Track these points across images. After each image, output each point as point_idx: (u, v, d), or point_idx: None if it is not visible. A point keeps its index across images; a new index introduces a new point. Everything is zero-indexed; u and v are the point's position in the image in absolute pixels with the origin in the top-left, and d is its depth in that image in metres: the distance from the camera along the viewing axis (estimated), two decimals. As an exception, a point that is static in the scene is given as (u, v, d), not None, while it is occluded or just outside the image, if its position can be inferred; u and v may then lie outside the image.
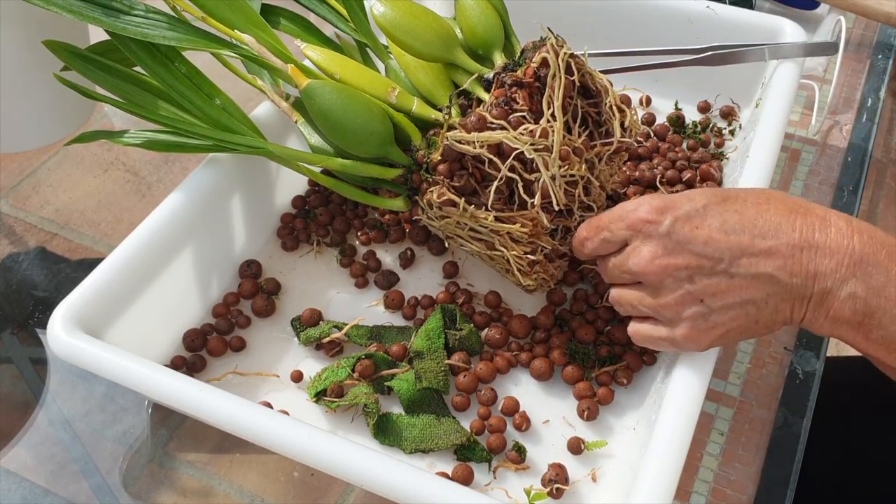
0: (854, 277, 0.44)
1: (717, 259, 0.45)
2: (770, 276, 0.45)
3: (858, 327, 0.45)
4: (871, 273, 0.44)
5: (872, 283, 0.44)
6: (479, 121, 0.53)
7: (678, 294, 0.47)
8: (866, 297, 0.44)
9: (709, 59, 0.70)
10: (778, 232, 0.45)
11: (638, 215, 0.48)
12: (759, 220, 0.46)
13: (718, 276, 0.46)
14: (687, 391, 0.47)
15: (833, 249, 0.45)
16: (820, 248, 0.45)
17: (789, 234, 0.45)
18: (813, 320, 0.46)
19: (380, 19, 0.56)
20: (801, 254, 0.45)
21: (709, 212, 0.47)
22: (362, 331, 0.59)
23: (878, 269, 0.44)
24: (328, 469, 0.46)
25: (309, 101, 0.55)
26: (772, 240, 0.45)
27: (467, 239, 0.56)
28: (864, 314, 0.44)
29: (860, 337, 0.45)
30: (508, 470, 0.53)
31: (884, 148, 0.81)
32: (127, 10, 0.56)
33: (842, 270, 0.44)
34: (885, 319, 0.44)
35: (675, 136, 0.73)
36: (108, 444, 0.57)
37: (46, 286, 0.68)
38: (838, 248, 0.45)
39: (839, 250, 0.45)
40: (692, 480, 0.54)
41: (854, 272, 0.44)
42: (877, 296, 0.44)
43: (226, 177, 0.61)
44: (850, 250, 0.45)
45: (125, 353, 0.49)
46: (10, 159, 0.78)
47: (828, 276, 0.45)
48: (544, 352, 0.58)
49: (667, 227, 0.46)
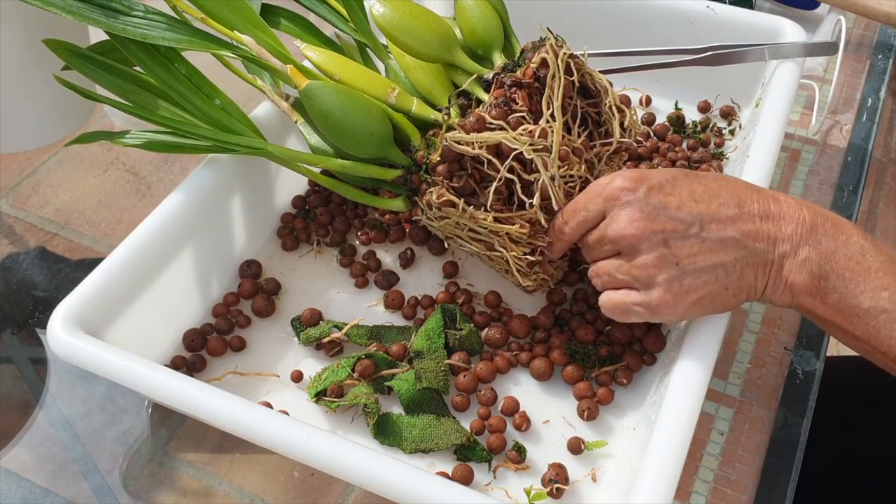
0: (807, 244, 0.48)
1: (690, 223, 0.48)
2: (736, 240, 0.48)
3: (815, 291, 0.48)
4: (821, 240, 0.48)
5: (823, 249, 0.48)
6: (478, 121, 0.53)
7: (653, 255, 0.49)
8: (819, 261, 0.48)
9: (709, 59, 0.70)
10: (740, 202, 0.49)
11: (614, 185, 0.50)
12: (723, 192, 0.50)
13: (691, 240, 0.48)
14: (687, 391, 0.47)
15: (787, 218, 0.49)
16: (776, 217, 0.49)
17: (749, 204, 0.49)
18: (774, 289, 0.49)
19: (379, 20, 0.56)
20: (761, 221, 0.49)
21: (678, 182, 0.50)
22: (362, 331, 0.59)
23: (827, 237, 0.48)
24: (328, 469, 0.46)
25: (308, 101, 0.55)
26: (735, 208, 0.49)
27: (467, 239, 0.56)
28: (819, 277, 0.48)
29: (818, 302, 0.48)
30: (508, 470, 0.53)
31: (884, 148, 0.81)
32: (126, 11, 0.56)
33: (796, 237, 0.48)
34: (838, 283, 0.48)
35: (675, 136, 0.74)
36: (108, 445, 0.57)
37: (46, 286, 0.68)
38: (792, 218, 0.49)
39: (793, 219, 0.49)
40: (692, 480, 0.54)
41: (807, 239, 0.48)
42: (828, 260, 0.48)
43: (226, 177, 0.61)
44: (801, 220, 0.49)
45: (125, 353, 0.49)
46: (10, 159, 0.78)
47: (785, 240, 0.48)
48: (544, 352, 0.58)
49: (642, 193, 0.49)
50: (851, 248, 0.48)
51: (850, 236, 0.48)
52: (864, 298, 0.47)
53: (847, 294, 0.47)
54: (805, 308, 0.49)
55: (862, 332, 0.48)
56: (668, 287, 0.48)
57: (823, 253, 0.48)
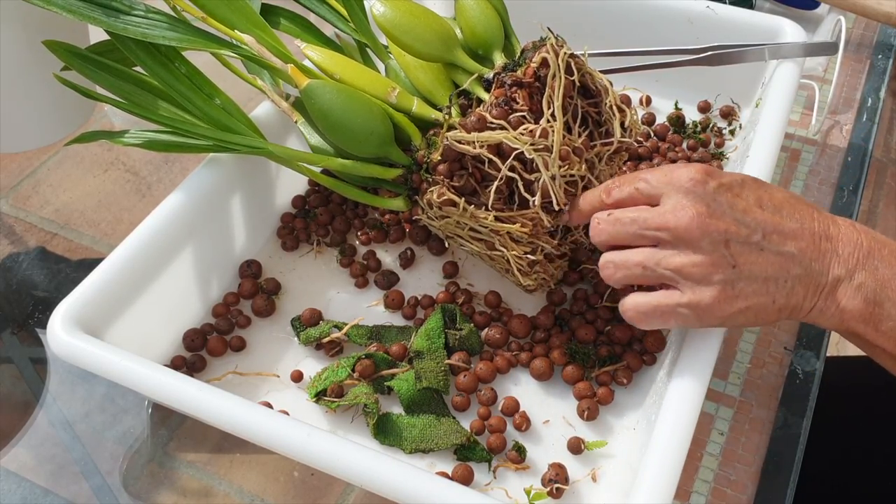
0: (864, 269, 0.47)
1: (753, 229, 0.47)
2: (794, 256, 0.47)
3: (869, 318, 0.47)
4: (878, 266, 0.47)
5: (879, 276, 0.47)
6: (478, 121, 0.53)
7: (714, 256, 0.46)
8: (876, 288, 0.47)
9: (709, 59, 0.70)
10: (802, 218, 0.48)
11: (683, 173, 0.48)
12: (786, 206, 0.49)
13: (751, 246, 0.47)
14: (687, 391, 0.47)
15: (845, 242, 0.48)
16: (835, 239, 0.48)
17: (810, 222, 0.48)
18: (823, 310, 0.48)
19: (380, 19, 0.56)
20: (821, 241, 0.48)
21: (746, 186, 0.49)
22: (362, 331, 0.59)
23: (884, 264, 0.47)
24: (328, 469, 0.46)
25: (309, 101, 0.55)
26: (797, 223, 0.48)
27: (467, 239, 0.56)
28: (874, 303, 0.47)
29: (870, 329, 0.47)
30: (508, 470, 0.53)
31: (884, 148, 0.81)
32: (127, 10, 0.56)
33: (852, 262, 0.47)
34: (894, 311, 0.46)
35: (675, 136, 0.74)
36: (109, 445, 0.57)
37: (46, 286, 0.68)
38: (849, 241, 0.48)
39: (850, 243, 0.48)
40: (692, 480, 0.54)
41: (864, 265, 0.47)
42: (884, 287, 0.47)
43: (226, 177, 0.61)
44: (858, 244, 0.48)
45: (125, 353, 0.49)
46: (10, 159, 0.78)
47: (842, 264, 0.47)
48: (544, 352, 0.58)
49: (713, 188, 0.48)
50: None
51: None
52: None
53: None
54: (855, 333, 0.48)
55: None
56: (723, 288, 0.46)
57: (880, 280, 0.47)
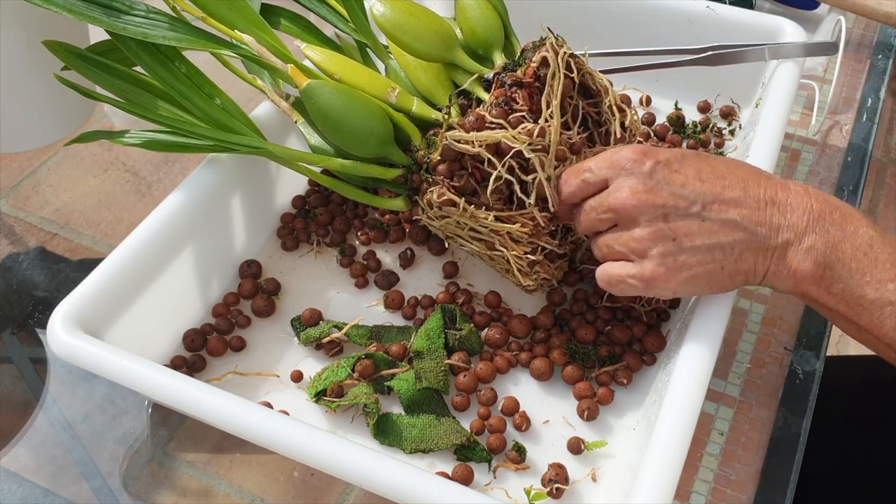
0: (813, 232, 0.48)
1: (692, 202, 0.48)
2: (737, 222, 0.48)
3: (820, 280, 0.48)
4: (828, 229, 0.48)
5: (829, 238, 0.48)
6: (477, 120, 0.53)
7: (651, 229, 0.49)
8: (825, 251, 0.48)
9: (709, 59, 0.70)
10: (746, 186, 0.49)
11: (622, 154, 0.50)
12: (729, 175, 0.49)
13: (691, 218, 0.48)
14: (687, 391, 0.47)
15: (794, 206, 0.48)
16: (782, 204, 0.49)
17: (755, 189, 0.49)
18: (776, 273, 0.49)
19: (379, 19, 0.56)
20: (766, 207, 0.49)
21: (686, 160, 0.50)
22: (362, 331, 0.59)
23: (834, 226, 0.48)
24: (328, 469, 0.46)
25: (308, 101, 0.55)
26: (740, 191, 0.49)
27: (467, 239, 0.56)
28: (824, 266, 0.48)
29: (822, 291, 0.48)
30: (508, 470, 0.53)
31: (884, 148, 0.81)
32: (127, 10, 0.56)
33: (801, 225, 0.48)
34: (844, 272, 0.47)
35: (675, 136, 0.74)
36: (109, 445, 0.57)
37: (46, 286, 0.68)
38: (798, 206, 0.48)
39: (799, 207, 0.48)
40: (692, 480, 0.54)
41: (813, 227, 0.48)
42: (834, 249, 0.48)
43: (226, 177, 0.61)
44: (808, 208, 0.48)
45: (125, 353, 0.49)
46: (10, 159, 0.78)
47: (790, 228, 0.48)
48: (544, 352, 0.58)
49: (649, 167, 0.49)
50: (859, 239, 0.48)
51: (858, 226, 0.48)
52: (869, 289, 0.47)
53: (852, 284, 0.47)
54: (808, 296, 0.49)
55: (866, 322, 0.48)
56: (662, 261, 0.49)
57: (830, 242, 0.48)
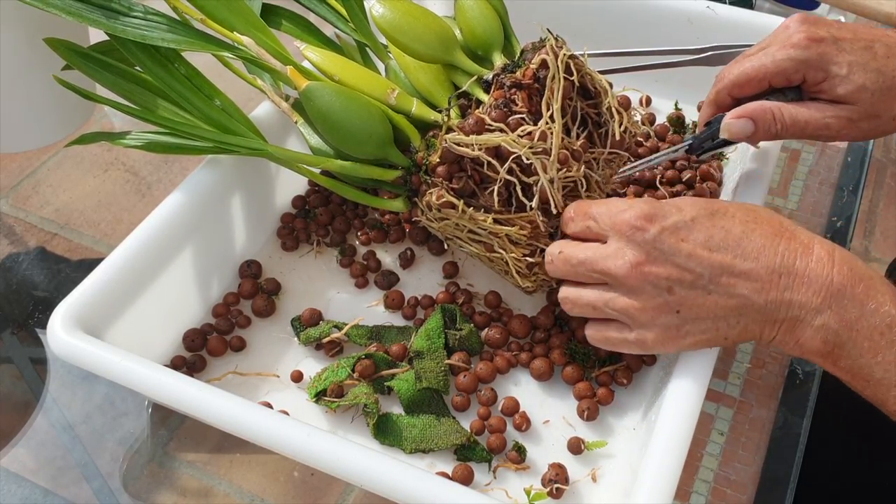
0: (829, 309, 0.45)
1: (699, 274, 0.46)
2: (746, 297, 0.46)
3: (827, 356, 0.46)
4: (846, 306, 0.45)
5: (846, 317, 0.45)
6: (476, 123, 0.53)
7: (656, 302, 0.47)
8: (838, 330, 0.45)
9: (709, 59, 0.70)
10: (760, 255, 0.46)
11: (625, 217, 0.48)
12: (744, 241, 0.47)
13: (697, 291, 0.46)
14: (687, 391, 0.47)
15: (811, 279, 0.46)
16: (799, 275, 0.46)
17: (771, 257, 0.46)
18: (783, 342, 0.47)
19: (379, 21, 0.56)
20: (779, 279, 0.46)
21: (696, 225, 0.47)
22: (362, 331, 0.59)
23: (854, 303, 0.45)
24: (328, 469, 0.46)
25: (308, 102, 0.55)
26: (752, 262, 0.46)
27: (466, 240, 0.56)
28: (834, 345, 0.45)
29: (828, 363, 0.47)
30: (508, 470, 0.53)
31: (884, 148, 0.81)
32: (126, 12, 0.56)
33: (816, 301, 0.45)
34: (854, 352, 0.45)
35: (676, 136, 0.73)
36: (109, 445, 0.57)
37: (46, 286, 0.68)
38: (816, 278, 0.46)
39: (817, 280, 0.46)
40: (692, 480, 0.54)
41: (829, 304, 0.45)
42: (849, 329, 0.45)
43: (225, 177, 0.61)
44: (828, 282, 0.45)
45: (125, 353, 0.49)
46: (10, 159, 0.78)
47: (802, 305, 0.46)
48: (544, 352, 0.58)
49: (653, 235, 0.47)
50: (878, 318, 0.45)
51: (881, 304, 0.45)
52: (877, 370, 0.45)
53: (861, 363, 0.45)
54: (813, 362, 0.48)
55: (870, 395, 0.46)
56: (666, 332, 0.47)
57: (845, 321, 0.45)
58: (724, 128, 0.55)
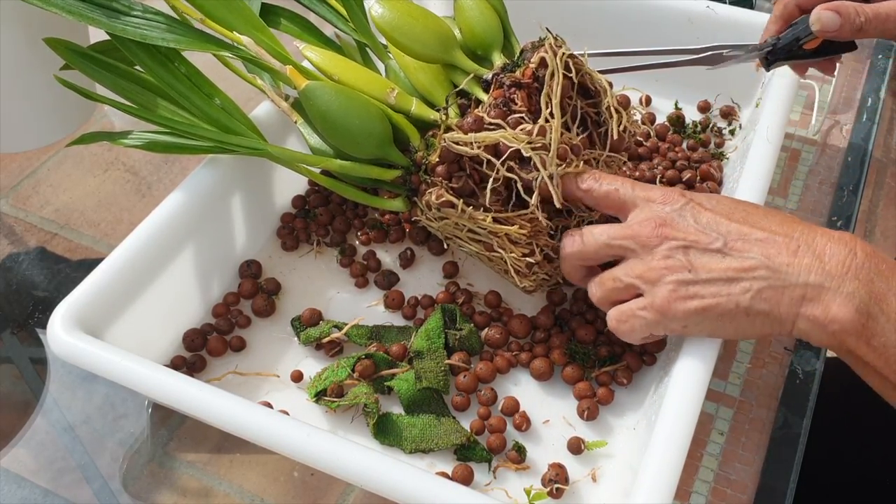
0: (856, 279, 0.44)
1: (714, 238, 0.47)
2: (759, 259, 0.46)
3: (861, 331, 0.44)
4: (873, 279, 0.44)
5: (874, 289, 0.44)
6: (475, 122, 0.53)
7: (670, 262, 0.48)
8: (868, 300, 0.44)
9: (709, 59, 0.70)
10: (777, 229, 0.47)
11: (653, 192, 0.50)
12: (764, 219, 0.48)
13: (711, 254, 0.47)
14: (687, 391, 0.47)
15: (833, 253, 0.45)
16: (819, 249, 0.46)
17: (790, 230, 0.47)
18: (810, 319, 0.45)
19: (378, 21, 0.56)
20: (798, 249, 0.46)
21: (721, 202, 0.50)
22: (362, 331, 0.59)
23: (881, 277, 0.45)
24: (328, 469, 0.46)
25: (307, 102, 0.55)
26: (769, 232, 0.47)
27: (466, 240, 0.56)
28: (866, 315, 0.44)
29: (861, 342, 0.44)
30: (508, 470, 0.53)
31: (884, 148, 0.81)
32: (126, 11, 0.56)
33: (840, 270, 0.45)
34: (888, 326, 0.44)
35: (675, 136, 0.74)
36: (109, 445, 0.57)
37: (46, 286, 0.68)
38: (837, 253, 0.45)
39: (838, 254, 0.45)
40: (692, 480, 0.54)
41: (856, 274, 0.45)
42: (879, 301, 0.44)
43: (225, 177, 0.61)
44: (851, 255, 0.45)
45: (125, 353, 0.49)
46: (10, 159, 0.78)
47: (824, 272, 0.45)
48: (544, 352, 0.58)
49: (680, 204, 0.49)
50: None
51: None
52: None
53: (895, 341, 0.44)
54: (846, 348, 0.45)
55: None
56: (675, 288, 0.47)
57: (875, 293, 0.44)
58: (815, 18, 0.55)
